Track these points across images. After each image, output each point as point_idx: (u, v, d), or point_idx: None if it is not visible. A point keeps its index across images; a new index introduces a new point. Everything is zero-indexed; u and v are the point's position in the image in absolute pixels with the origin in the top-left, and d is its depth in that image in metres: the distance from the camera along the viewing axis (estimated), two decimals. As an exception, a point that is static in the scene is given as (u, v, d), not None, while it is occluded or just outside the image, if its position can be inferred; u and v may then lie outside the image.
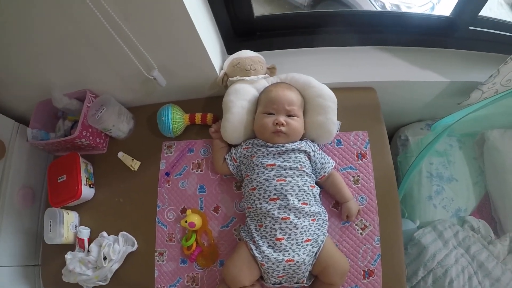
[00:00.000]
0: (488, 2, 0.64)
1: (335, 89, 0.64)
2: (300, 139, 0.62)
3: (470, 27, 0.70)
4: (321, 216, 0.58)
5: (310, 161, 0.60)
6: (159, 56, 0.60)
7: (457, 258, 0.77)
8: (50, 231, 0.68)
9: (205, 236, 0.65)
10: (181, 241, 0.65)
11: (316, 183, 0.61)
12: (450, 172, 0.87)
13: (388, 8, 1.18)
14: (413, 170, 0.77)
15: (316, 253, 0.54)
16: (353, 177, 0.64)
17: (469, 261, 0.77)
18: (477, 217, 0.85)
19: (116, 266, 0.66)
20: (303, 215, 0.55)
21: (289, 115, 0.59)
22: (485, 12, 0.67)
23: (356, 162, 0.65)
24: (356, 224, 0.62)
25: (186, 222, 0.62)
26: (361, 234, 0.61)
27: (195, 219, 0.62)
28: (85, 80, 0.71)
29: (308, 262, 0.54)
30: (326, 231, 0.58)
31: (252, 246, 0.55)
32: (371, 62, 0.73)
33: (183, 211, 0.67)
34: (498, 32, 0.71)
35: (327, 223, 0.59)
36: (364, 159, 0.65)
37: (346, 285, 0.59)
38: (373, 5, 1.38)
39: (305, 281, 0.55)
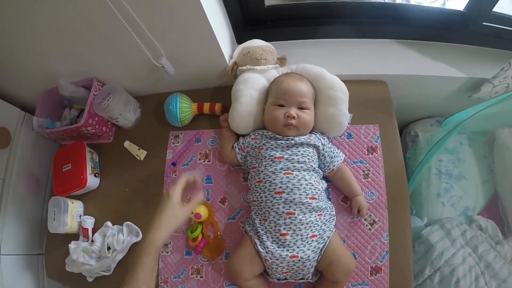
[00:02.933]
0: (501, 1, 0.62)
1: (346, 81, 0.62)
2: (310, 132, 0.60)
3: (483, 23, 0.68)
4: (327, 211, 0.57)
5: (319, 155, 0.58)
6: (168, 43, 0.58)
7: (464, 257, 0.76)
8: (54, 220, 0.68)
9: (211, 228, 0.64)
10: (186, 232, 0.64)
11: (324, 177, 0.60)
12: (460, 170, 0.85)
13: (398, 1, 1.17)
14: (422, 167, 0.76)
15: (321, 249, 0.53)
16: (363, 171, 0.63)
17: (476, 261, 0.76)
18: (485, 217, 0.84)
19: (120, 257, 0.65)
20: (309, 210, 0.54)
21: (300, 108, 0.58)
22: (497, 9, 0.65)
23: (366, 156, 0.64)
24: (365, 220, 0.61)
25: (192, 213, 0.61)
26: (369, 229, 0.60)
27: (202, 210, 0.61)
28: (91, 68, 0.70)
29: (313, 258, 0.53)
30: (333, 227, 0.57)
31: (256, 241, 0.54)
32: (383, 55, 0.72)
33: (189, 201, 0.66)
34: None
35: (334, 218, 0.58)
36: (374, 153, 0.64)
37: (353, 281, 0.58)
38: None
39: (310, 277, 0.54)
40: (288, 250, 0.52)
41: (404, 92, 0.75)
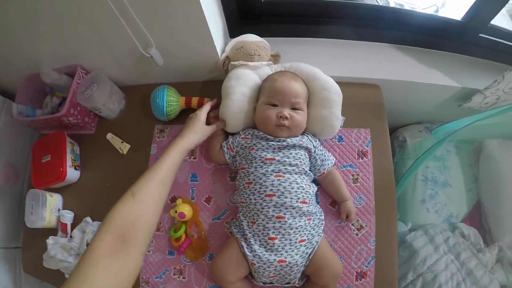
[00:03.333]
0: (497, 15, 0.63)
1: (340, 83, 0.61)
2: (302, 133, 0.59)
3: (480, 34, 0.69)
4: (317, 215, 0.56)
5: (310, 158, 0.57)
6: (158, 32, 0.55)
7: (447, 264, 0.77)
8: (32, 214, 0.64)
9: (195, 228, 0.62)
10: (169, 231, 0.62)
11: (314, 181, 0.59)
12: (445, 177, 0.87)
13: (393, 5, 1.17)
14: (411, 174, 0.76)
15: (310, 254, 0.52)
16: (353, 175, 0.62)
17: (458, 268, 0.78)
18: (468, 224, 0.86)
19: (99, 254, 0.63)
20: (299, 215, 0.52)
21: (293, 108, 0.56)
22: (494, 22, 0.66)
23: (356, 160, 0.63)
24: (353, 224, 0.60)
25: (175, 212, 0.59)
26: (356, 234, 0.60)
27: (186, 210, 0.59)
28: (76, 54, 0.67)
29: (301, 263, 0.52)
30: (321, 231, 0.56)
31: (243, 243, 0.52)
32: (377, 59, 0.71)
33: (173, 200, 0.64)
34: (508, 42, 0.70)
35: (323, 222, 0.57)
36: (364, 158, 0.63)
37: (338, 285, 0.58)
38: (377, 2, 1.35)
39: (296, 282, 0.53)
40: (276, 255, 0.51)
41: (396, 97, 0.74)
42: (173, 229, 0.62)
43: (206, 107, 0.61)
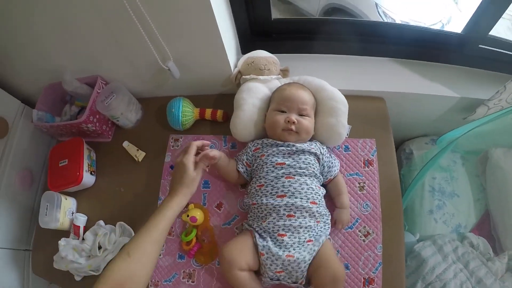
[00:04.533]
0: (497, 26, 0.66)
1: (346, 96, 0.64)
2: (310, 140, 0.62)
3: (480, 45, 0.71)
4: (324, 218, 0.57)
5: (319, 163, 0.59)
6: (176, 47, 0.60)
7: (456, 272, 0.77)
8: (46, 214, 0.66)
9: (205, 233, 0.63)
10: (180, 235, 0.63)
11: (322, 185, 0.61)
12: (452, 188, 0.87)
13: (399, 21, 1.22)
14: (416, 183, 0.77)
15: (316, 252, 0.53)
16: (359, 183, 0.64)
17: (467, 276, 0.77)
18: (476, 234, 0.85)
19: (110, 257, 0.64)
20: (309, 215, 0.54)
21: (301, 115, 0.59)
22: (493, 33, 0.68)
23: (362, 169, 0.65)
24: (359, 231, 0.61)
25: (187, 216, 0.61)
26: (363, 241, 0.61)
27: (197, 214, 0.61)
28: (97, 66, 0.71)
29: (309, 260, 0.52)
30: (328, 233, 0.57)
31: (256, 234, 0.54)
32: (381, 72, 0.74)
33: (185, 205, 0.66)
34: (507, 52, 0.72)
35: (330, 225, 0.59)
36: (370, 167, 0.65)
37: (346, 292, 0.58)
38: (383, 19, 1.41)
39: (304, 282, 0.53)
40: (284, 251, 0.52)
41: (401, 109, 0.77)
42: (184, 233, 0.63)
43: (192, 152, 0.56)
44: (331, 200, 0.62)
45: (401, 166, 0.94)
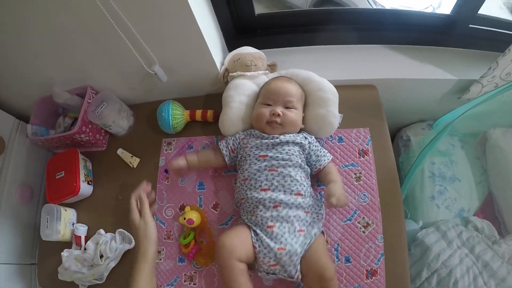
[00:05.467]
0: (488, 5, 0.64)
1: (337, 86, 0.64)
2: (298, 132, 0.61)
3: (470, 25, 0.70)
4: (315, 209, 0.57)
5: (305, 153, 0.59)
6: (160, 51, 0.60)
7: (461, 258, 0.76)
8: (47, 227, 0.67)
9: (203, 234, 0.63)
10: (179, 239, 0.64)
11: (314, 177, 0.60)
12: (453, 172, 0.86)
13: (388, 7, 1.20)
14: (415, 169, 0.76)
15: (307, 245, 0.52)
16: (355, 174, 0.63)
17: (473, 261, 0.76)
18: (480, 217, 0.84)
19: (112, 264, 0.65)
20: (295, 206, 0.54)
21: (287, 107, 0.59)
22: (485, 12, 0.68)
23: (357, 159, 0.64)
24: (359, 222, 0.61)
25: (184, 219, 0.61)
26: (363, 232, 0.60)
27: (194, 216, 0.61)
28: (86, 76, 0.71)
29: (300, 252, 0.52)
30: (321, 226, 0.57)
31: (253, 227, 0.54)
32: (372, 60, 0.73)
33: (182, 208, 0.67)
34: (497, 30, 0.71)
35: (323, 217, 0.58)
36: (366, 156, 0.65)
37: (348, 284, 0.58)
38: (371, 6, 1.39)
39: (300, 277, 0.53)
40: (276, 243, 0.51)
41: (395, 96, 0.76)
42: (182, 236, 0.63)
43: (133, 207, 0.58)
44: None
45: (399, 154, 0.92)
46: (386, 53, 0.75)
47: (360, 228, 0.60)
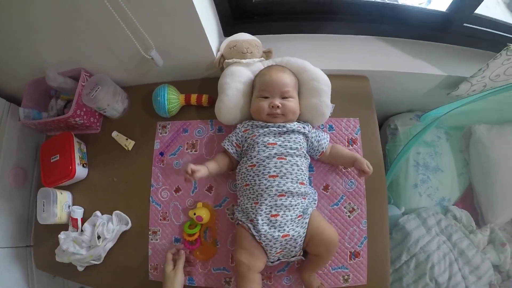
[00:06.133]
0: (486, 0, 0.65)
1: (329, 75, 0.65)
2: (297, 121, 0.63)
3: (464, 24, 0.71)
4: (310, 196, 0.60)
5: (307, 142, 0.61)
6: (157, 35, 0.59)
7: (439, 244, 0.81)
8: (43, 211, 0.68)
9: (208, 232, 0.65)
10: (184, 225, 0.65)
11: (312, 166, 0.63)
12: (436, 163, 0.90)
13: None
14: (400, 158, 0.80)
15: (307, 223, 0.56)
16: (343, 161, 0.66)
17: (450, 248, 0.81)
18: (460, 207, 0.89)
19: (110, 245, 0.67)
20: (298, 194, 0.56)
21: (284, 97, 0.60)
22: (481, 9, 0.68)
23: (347, 147, 0.67)
24: (345, 207, 0.64)
25: (194, 214, 0.62)
26: (349, 216, 0.64)
27: (203, 213, 0.62)
28: (80, 58, 0.70)
29: (303, 233, 0.55)
30: (315, 206, 0.60)
31: (249, 225, 0.56)
32: (365, 51, 0.74)
33: (177, 190, 0.68)
34: (492, 30, 0.73)
35: (316, 201, 0.61)
36: (354, 145, 0.67)
37: (333, 264, 0.62)
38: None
39: (301, 253, 0.57)
40: (279, 231, 0.54)
41: (385, 87, 0.78)
42: (188, 224, 0.65)
43: (169, 258, 0.60)
44: (322, 180, 0.64)
45: (386, 142, 0.96)
46: (380, 45, 0.76)
47: (345, 213, 0.64)
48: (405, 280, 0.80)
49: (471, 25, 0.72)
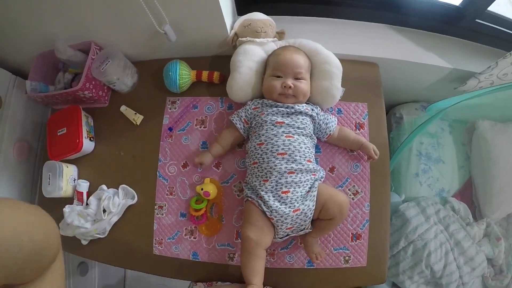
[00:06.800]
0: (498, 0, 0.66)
1: (341, 60, 0.65)
2: (306, 102, 0.63)
3: (476, 20, 0.72)
4: (318, 172, 0.60)
5: (315, 124, 0.62)
6: (172, 10, 0.59)
7: (436, 233, 0.83)
8: (49, 184, 0.68)
9: (215, 208, 0.66)
10: (190, 200, 0.65)
11: (319, 147, 0.64)
12: (438, 154, 0.92)
13: None
14: (404, 147, 0.81)
15: (315, 196, 0.56)
16: (350, 145, 0.67)
17: (447, 238, 0.84)
18: (458, 199, 0.91)
19: (115, 219, 0.67)
20: (306, 171, 0.57)
21: (296, 78, 0.61)
22: (493, 6, 0.69)
23: (353, 131, 0.68)
24: (349, 189, 0.66)
25: (201, 189, 0.63)
26: (352, 199, 0.65)
27: (211, 189, 0.63)
28: (90, 31, 0.69)
29: (313, 206, 0.56)
30: (320, 179, 0.60)
31: (260, 202, 0.56)
32: (377, 38, 0.75)
33: (185, 166, 0.69)
34: (503, 29, 0.74)
35: (323, 179, 0.61)
36: (361, 130, 0.68)
37: (335, 245, 0.63)
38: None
39: (310, 226, 0.57)
40: (290, 207, 0.55)
41: (394, 75, 0.78)
42: (195, 199, 0.65)
43: None
44: (329, 162, 0.65)
45: (390, 130, 0.97)
46: (392, 33, 0.76)
47: (350, 195, 0.65)
48: (402, 265, 0.82)
49: (482, 21, 0.72)
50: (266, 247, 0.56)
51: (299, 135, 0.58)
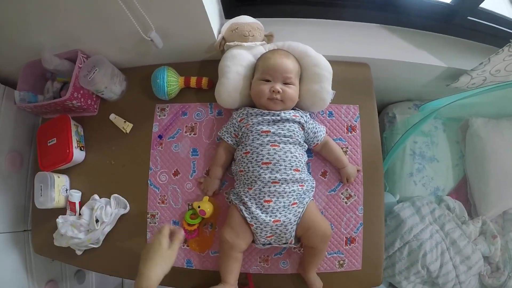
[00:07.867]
0: None
1: (331, 61, 0.65)
2: (293, 108, 0.63)
3: (468, 17, 0.71)
4: (309, 183, 0.60)
5: (303, 131, 0.61)
6: (157, 16, 0.58)
7: (432, 233, 0.83)
8: (41, 195, 0.67)
9: (208, 225, 0.65)
10: (185, 215, 0.65)
11: (308, 151, 0.63)
12: (433, 152, 0.91)
13: None
14: (398, 147, 0.81)
15: (301, 213, 0.57)
16: (342, 148, 0.66)
17: (442, 237, 0.83)
18: (453, 198, 0.91)
19: (108, 229, 0.67)
20: (292, 181, 0.57)
21: (285, 83, 0.60)
22: (486, 4, 0.68)
23: (345, 134, 0.67)
24: (342, 193, 0.65)
25: (198, 207, 0.62)
26: (345, 203, 0.65)
27: (207, 208, 0.61)
28: (76, 40, 0.68)
29: (294, 221, 0.56)
30: (312, 196, 0.61)
31: (242, 207, 0.57)
32: (368, 38, 0.74)
33: (176, 173, 0.68)
34: (495, 25, 0.73)
35: (314, 189, 0.62)
36: (353, 132, 0.68)
37: (329, 249, 0.63)
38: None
39: (293, 241, 0.57)
40: (271, 216, 0.55)
41: (386, 75, 0.78)
42: (190, 213, 0.64)
43: (166, 232, 0.54)
44: (320, 166, 0.65)
45: (383, 129, 0.96)
46: (382, 33, 0.75)
47: (342, 199, 0.65)
48: (398, 266, 0.82)
49: (475, 19, 0.72)
50: (241, 251, 0.58)
51: (285, 144, 0.58)
